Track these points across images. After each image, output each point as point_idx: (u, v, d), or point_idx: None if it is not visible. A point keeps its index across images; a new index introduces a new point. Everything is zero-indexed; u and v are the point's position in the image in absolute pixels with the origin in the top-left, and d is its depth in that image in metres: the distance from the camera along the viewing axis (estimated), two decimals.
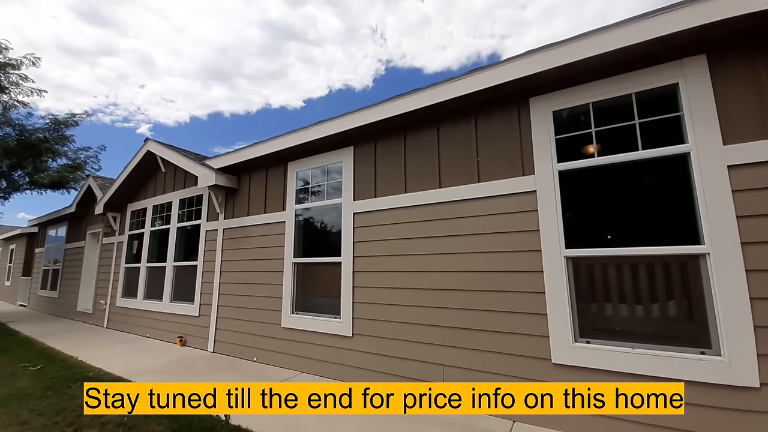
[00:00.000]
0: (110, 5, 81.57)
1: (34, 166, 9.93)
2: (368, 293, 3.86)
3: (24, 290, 12.47)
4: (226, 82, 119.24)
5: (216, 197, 5.58)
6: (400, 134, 3.91)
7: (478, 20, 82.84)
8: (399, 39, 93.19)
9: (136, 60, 52.38)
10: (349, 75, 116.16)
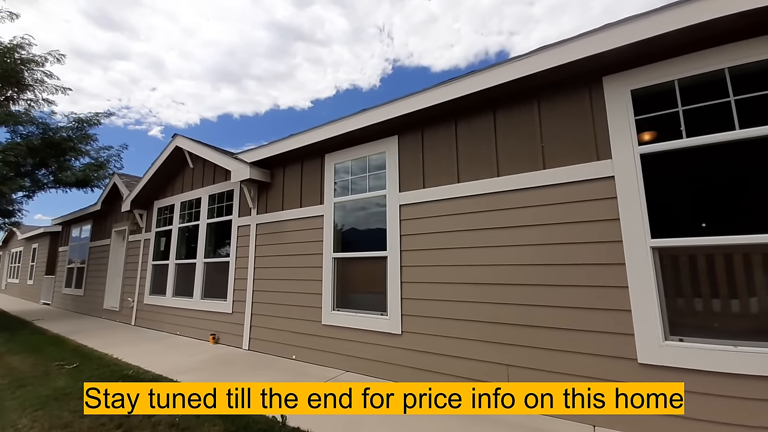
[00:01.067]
0: (121, 9, 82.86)
1: (59, 164, 9.97)
2: (418, 289, 3.67)
3: (48, 289, 12.60)
4: (235, 84, 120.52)
5: (249, 192, 5.45)
6: (450, 121, 3.71)
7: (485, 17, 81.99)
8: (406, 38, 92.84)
9: (147, 63, 53.25)
10: (356, 75, 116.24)
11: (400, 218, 3.91)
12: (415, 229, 3.79)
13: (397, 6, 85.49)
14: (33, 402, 3.42)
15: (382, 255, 3.99)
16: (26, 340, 6.32)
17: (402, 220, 3.90)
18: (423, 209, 3.76)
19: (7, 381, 4.11)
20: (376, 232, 4.17)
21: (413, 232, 3.80)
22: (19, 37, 7.40)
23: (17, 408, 3.30)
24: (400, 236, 3.87)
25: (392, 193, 4.00)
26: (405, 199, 3.90)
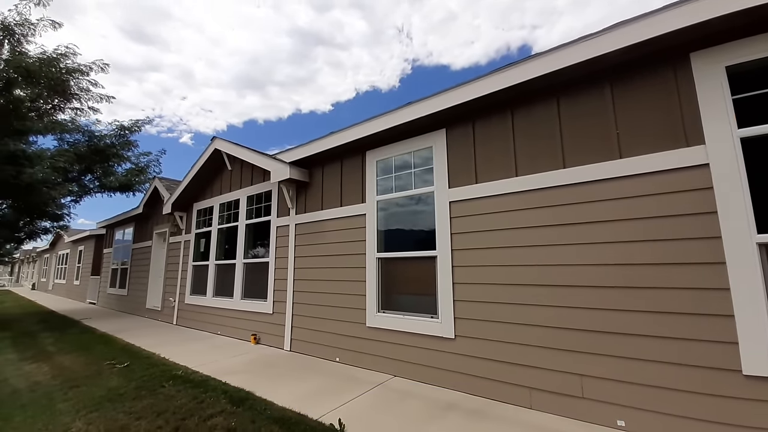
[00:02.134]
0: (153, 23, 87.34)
1: (103, 170, 10.45)
2: (473, 290, 3.46)
3: (93, 289, 13.25)
4: (259, 91, 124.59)
5: (287, 192, 5.41)
6: (505, 111, 3.48)
7: (506, 12, 79.90)
8: (425, 37, 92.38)
9: (177, 74, 56.07)
10: (376, 77, 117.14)
11: (450, 216, 3.71)
12: (468, 227, 3.58)
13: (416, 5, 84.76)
14: (87, 403, 3.46)
15: (431, 255, 3.80)
16: (76, 339, 6.58)
17: (452, 217, 3.69)
18: (476, 206, 3.54)
19: (59, 381, 4.22)
20: (422, 230, 3.99)
21: (465, 230, 3.59)
22: (63, 47, 7.76)
23: (70, 410, 3.34)
24: (450, 235, 3.67)
25: (441, 190, 3.81)
26: (455, 196, 3.70)
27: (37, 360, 5.37)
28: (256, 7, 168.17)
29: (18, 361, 5.41)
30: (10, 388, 4.19)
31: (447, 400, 3.20)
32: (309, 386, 3.65)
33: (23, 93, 7.68)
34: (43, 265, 23.47)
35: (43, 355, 5.59)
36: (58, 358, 5.33)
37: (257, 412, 3.00)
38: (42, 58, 7.44)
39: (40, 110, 8.29)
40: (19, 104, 7.65)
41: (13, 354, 5.89)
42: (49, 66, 7.55)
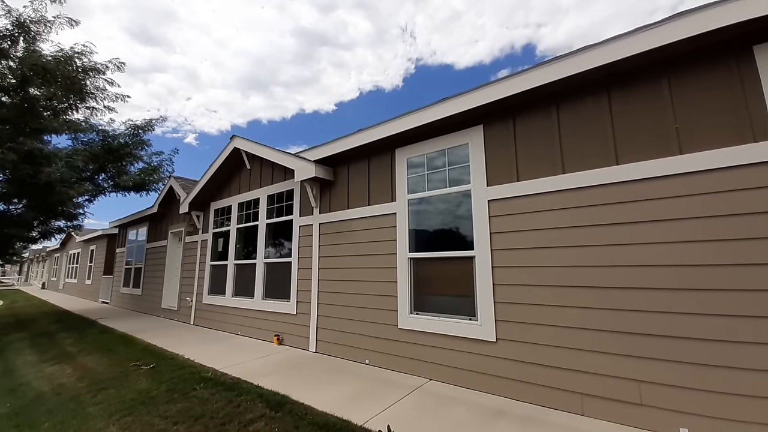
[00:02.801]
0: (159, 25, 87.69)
1: (117, 169, 10.41)
2: (515, 292, 3.35)
3: (106, 288, 13.25)
4: (264, 91, 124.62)
5: (311, 191, 5.32)
6: (549, 107, 3.36)
7: (511, 11, 79.47)
8: (429, 36, 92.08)
9: (183, 75, 55.91)
10: (380, 76, 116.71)
11: (489, 215, 3.60)
12: (508, 226, 3.47)
13: (420, 4, 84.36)
14: (118, 407, 3.38)
15: (468, 255, 3.70)
16: (96, 340, 6.54)
17: (491, 216, 3.58)
18: (518, 204, 3.43)
19: (86, 384, 4.15)
20: (458, 230, 3.88)
21: (506, 229, 3.48)
22: (80, 45, 7.71)
23: (102, 414, 3.26)
24: (489, 234, 3.56)
25: (479, 188, 3.70)
26: (494, 194, 3.58)
27: (59, 361, 5.32)
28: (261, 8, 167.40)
29: (39, 363, 5.37)
30: (33, 391, 4.13)
31: (493, 405, 3.09)
32: (345, 389, 3.56)
33: (39, 92, 7.64)
34: (53, 265, 23.59)
35: (65, 356, 5.54)
36: (81, 359, 5.28)
37: (298, 417, 2.91)
38: (58, 56, 7.39)
39: (56, 109, 8.26)
40: (34, 103, 7.62)
41: (32, 355, 5.85)
42: (65, 64, 7.51)
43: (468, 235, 3.75)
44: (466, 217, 3.79)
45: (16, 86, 7.33)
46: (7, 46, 7.19)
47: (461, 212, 3.87)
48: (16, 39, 7.27)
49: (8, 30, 7.08)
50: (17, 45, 7.21)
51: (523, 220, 3.38)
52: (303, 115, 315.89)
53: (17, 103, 7.41)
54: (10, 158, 6.39)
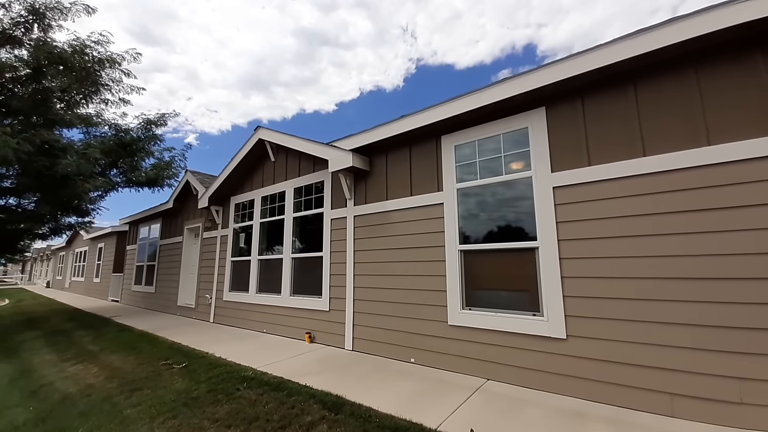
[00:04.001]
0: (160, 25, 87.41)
1: (129, 164, 10.17)
2: (588, 285, 3.11)
3: (116, 286, 13.01)
4: (264, 91, 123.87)
5: (345, 182, 5.08)
6: (624, 85, 3.12)
7: (511, 11, 79.28)
8: (430, 36, 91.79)
9: (183, 75, 54.92)
10: (380, 76, 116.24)
11: (554, 203, 3.36)
12: (579, 214, 3.23)
13: (421, 4, 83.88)
14: (159, 409, 3.14)
15: (530, 246, 3.46)
16: (116, 338, 6.30)
17: (557, 204, 3.34)
18: (590, 191, 3.19)
19: (116, 384, 3.92)
20: (516, 219, 3.65)
21: (575, 218, 3.24)
22: (97, 33, 7.46)
23: (143, 417, 3.02)
24: (555, 223, 3.32)
25: (541, 175, 3.46)
26: (560, 181, 3.34)
27: (81, 360, 5.08)
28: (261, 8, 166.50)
29: (59, 362, 5.13)
30: (58, 393, 3.89)
31: (568, 407, 2.85)
32: (400, 390, 3.32)
33: (54, 82, 7.40)
34: (58, 263, 23.35)
35: (86, 355, 5.31)
36: (104, 358, 5.04)
37: (364, 420, 2.67)
38: (75, 45, 7.15)
39: (70, 101, 8.02)
40: (48, 94, 7.38)
41: (50, 354, 5.61)
42: (81, 54, 7.26)
43: (528, 225, 3.52)
44: (526, 206, 3.56)
45: (29, 76, 7.09)
46: (21, 34, 6.95)
47: (519, 201, 3.63)
48: (30, 26, 7.03)
49: (22, 16, 6.84)
50: (31, 33, 6.96)
51: (596, 207, 3.14)
52: (303, 115, 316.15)
53: (31, 93, 7.16)
54: (26, 149, 6.14)
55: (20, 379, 4.60)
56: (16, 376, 4.71)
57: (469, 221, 3.98)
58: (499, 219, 3.80)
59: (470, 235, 3.94)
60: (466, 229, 3.98)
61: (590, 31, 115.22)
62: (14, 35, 6.92)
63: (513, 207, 3.70)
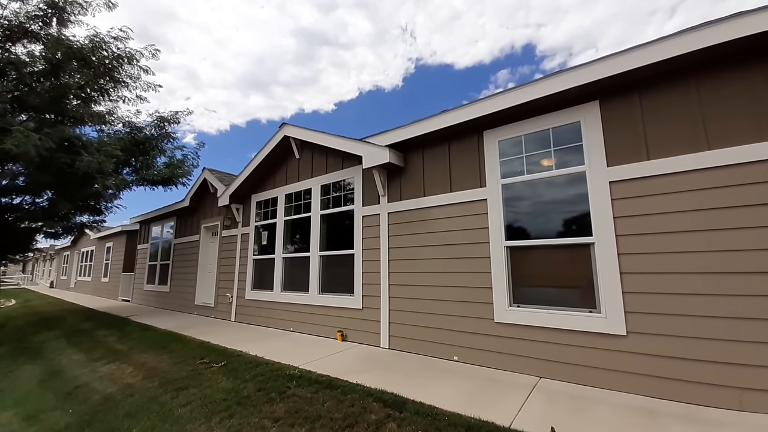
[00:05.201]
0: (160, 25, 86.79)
1: (144, 163, 10.07)
2: (649, 281, 3.06)
3: (126, 286, 12.91)
4: (263, 91, 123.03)
5: (379, 178, 5.01)
6: (687, 78, 3.07)
7: (511, 10, 79.33)
8: (429, 36, 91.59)
9: (182, 75, 54.04)
10: (379, 76, 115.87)
11: (611, 197, 3.31)
12: (637, 209, 3.18)
13: (421, 4, 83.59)
14: (212, 408, 3.08)
15: (584, 242, 3.41)
16: (142, 337, 6.23)
17: (614, 199, 3.29)
18: (648, 186, 3.14)
19: (157, 383, 3.86)
20: (568, 215, 3.60)
21: (634, 213, 3.19)
22: (117, 29, 7.36)
23: (197, 417, 2.96)
24: (613, 219, 3.27)
25: (596, 169, 3.41)
26: (617, 175, 3.30)
27: (113, 360, 5.01)
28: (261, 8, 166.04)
29: (89, 362, 5.06)
30: (97, 394, 3.83)
31: (637, 405, 2.81)
32: (454, 388, 3.27)
33: (71, 79, 7.30)
34: (62, 263, 23.18)
35: (116, 355, 5.24)
36: (136, 357, 4.98)
37: (432, 418, 2.62)
38: (94, 40, 7.06)
39: (87, 98, 7.92)
40: (66, 91, 7.27)
41: (77, 354, 5.54)
42: (100, 50, 7.17)
43: (581, 220, 3.47)
44: (578, 202, 3.51)
45: (47, 72, 6.98)
46: (38, 29, 6.85)
47: (571, 196, 3.58)
48: (48, 20, 6.92)
49: (41, 10, 6.73)
50: (49, 27, 6.86)
51: (657, 202, 3.09)
52: (303, 115, 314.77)
53: (48, 89, 7.06)
54: (48, 146, 6.05)
55: (50, 380, 4.53)
56: (45, 378, 4.64)
57: (515, 217, 3.93)
58: (547, 215, 3.75)
59: (516, 231, 3.89)
60: (512, 225, 3.92)
61: (590, 32, 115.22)
62: (31, 29, 6.82)
63: (563, 202, 3.64)
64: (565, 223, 3.60)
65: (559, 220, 3.66)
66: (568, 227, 3.57)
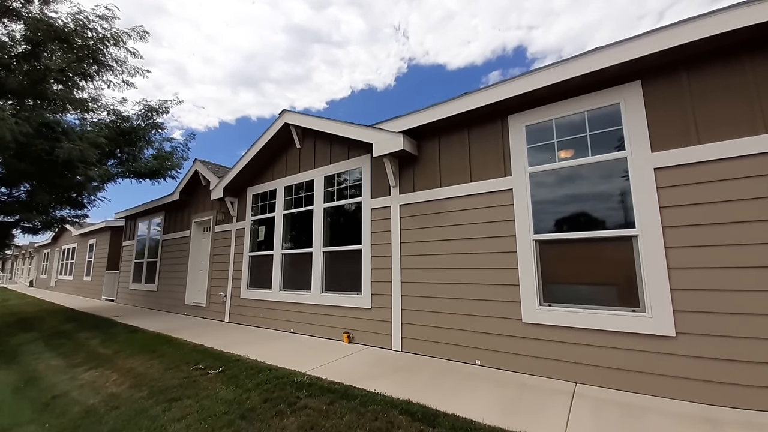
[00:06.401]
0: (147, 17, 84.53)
1: (130, 154, 9.49)
2: (699, 277, 2.78)
3: (110, 285, 12.26)
4: (254, 88, 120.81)
5: (391, 167, 4.65)
6: (740, 56, 2.80)
7: (504, 12, 79.90)
8: (422, 36, 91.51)
9: (171, 70, 51.87)
10: (372, 75, 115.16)
11: (656, 185, 3.02)
12: (686, 198, 2.89)
13: (414, 3, 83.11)
14: (213, 423, 2.67)
15: (626, 234, 3.11)
16: (130, 340, 5.74)
17: (660, 187, 3.00)
18: (698, 172, 2.86)
19: (147, 393, 3.42)
20: (606, 205, 3.30)
21: (681, 202, 2.91)
22: (102, 7, 6.81)
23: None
24: (659, 209, 2.98)
25: (639, 155, 3.11)
26: (663, 161, 3.00)
27: (95, 366, 4.54)
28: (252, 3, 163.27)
29: (68, 368, 4.57)
30: (77, 405, 3.37)
31: (693, 413, 2.52)
32: (484, 397, 2.94)
33: (53, 61, 6.74)
34: (42, 261, 22.15)
35: (99, 360, 4.76)
36: (122, 363, 4.51)
37: None
38: (78, 18, 6.51)
39: (68, 82, 7.34)
40: (47, 73, 6.70)
41: (56, 359, 5.03)
42: (84, 30, 6.62)
43: (622, 211, 3.17)
44: (618, 190, 3.21)
45: (27, 53, 6.41)
46: (20, 5, 6.27)
47: (609, 185, 3.28)
48: None
49: None
50: (31, 3, 6.29)
51: (708, 190, 2.81)
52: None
53: (28, 72, 6.49)
54: (25, 130, 5.51)
55: (26, 388, 4.04)
56: (20, 385, 4.14)
57: (545, 208, 3.61)
58: (582, 205, 3.44)
59: (547, 223, 3.58)
60: (542, 218, 3.61)
61: (580, 34, 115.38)
62: (12, 6, 6.24)
63: (600, 192, 3.35)
64: (603, 214, 3.30)
65: (595, 211, 3.36)
66: (605, 219, 3.28)
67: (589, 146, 3.40)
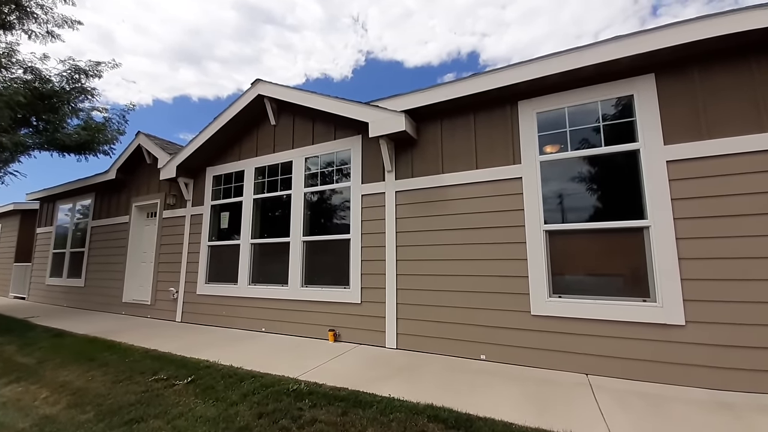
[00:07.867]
0: None
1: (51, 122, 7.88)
2: (708, 267, 2.86)
3: (20, 279, 10.23)
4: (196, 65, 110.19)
5: (387, 150, 4.29)
6: (747, 56, 2.91)
7: (460, 16, 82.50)
8: (381, 31, 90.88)
9: (94, 36, 44.09)
10: (329, 65, 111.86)
11: (668, 178, 3.06)
12: (696, 191, 2.97)
13: None
14: None
15: (638, 225, 3.13)
16: (55, 346, 4.69)
17: (672, 180, 3.05)
18: (709, 166, 2.94)
19: (93, 414, 2.71)
20: (618, 195, 3.31)
21: (692, 195, 2.98)
22: None
23: None
24: (671, 201, 3.02)
25: (651, 147, 3.14)
26: (675, 154, 3.05)
27: (17, 378, 3.61)
28: None
29: None
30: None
31: (710, 399, 2.58)
32: (508, 394, 2.76)
33: None
34: None
35: (20, 371, 3.78)
36: (51, 375, 3.63)
37: None
38: None
39: None
40: None
41: None
42: None
43: (633, 202, 3.19)
44: (630, 182, 3.22)
45: None
46: None
47: (621, 176, 3.29)
48: None
49: None
50: None
51: (718, 183, 2.90)
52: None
53: None
54: None
55: None
56: None
57: (556, 198, 3.54)
58: (593, 196, 3.42)
59: (557, 213, 3.51)
60: (552, 207, 3.53)
61: (528, 47, 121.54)
62: None
63: (612, 182, 3.35)
64: (614, 205, 3.31)
65: (606, 202, 3.35)
66: (617, 209, 3.28)
67: (602, 137, 3.38)
